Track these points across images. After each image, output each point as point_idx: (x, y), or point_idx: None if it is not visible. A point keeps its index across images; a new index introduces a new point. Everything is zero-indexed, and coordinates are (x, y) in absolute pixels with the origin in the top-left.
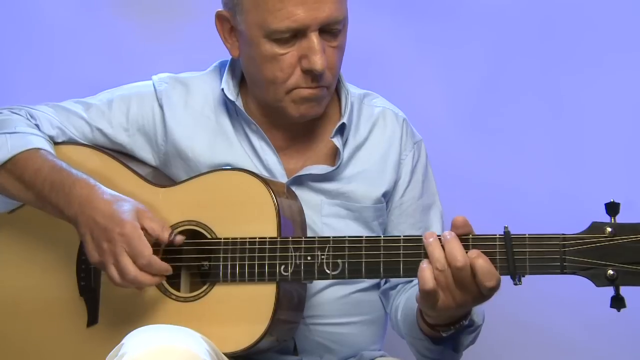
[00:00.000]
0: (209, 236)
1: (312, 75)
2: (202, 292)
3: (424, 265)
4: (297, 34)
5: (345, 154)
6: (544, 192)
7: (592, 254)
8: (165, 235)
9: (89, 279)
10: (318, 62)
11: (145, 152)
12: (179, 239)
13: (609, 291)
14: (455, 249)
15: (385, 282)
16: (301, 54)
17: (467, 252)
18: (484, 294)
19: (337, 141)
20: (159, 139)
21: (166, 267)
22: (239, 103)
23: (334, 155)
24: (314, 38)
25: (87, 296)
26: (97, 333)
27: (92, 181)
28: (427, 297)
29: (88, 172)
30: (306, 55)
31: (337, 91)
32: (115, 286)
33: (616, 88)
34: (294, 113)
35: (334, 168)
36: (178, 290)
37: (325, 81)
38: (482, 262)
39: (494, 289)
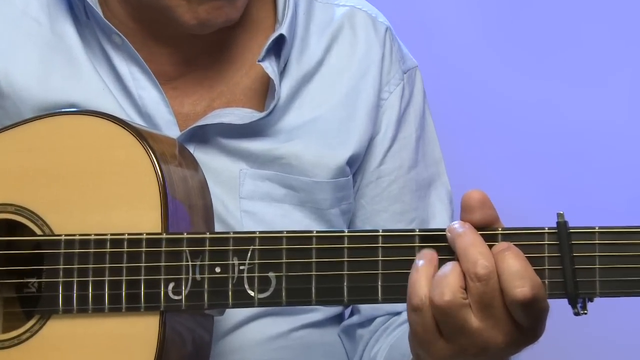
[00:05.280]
0: (38, 232)
1: None
2: (26, 332)
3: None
4: None
5: (285, 90)
6: (620, 157)
7: None
8: None
9: None
10: None
11: None
12: None
13: None
14: (474, 245)
15: (352, 314)
16: None
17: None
18: (521, 323)
19: (269, 67)
20: None
21: None
22: None
23: (264, 91)
24: None
25: None
26: None
27: None
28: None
29: None
30: None
31: None
32: None
33: None
34: (189, 19)
35: (264, 114)
36: None
37: None
38: (511, 260)
39: (531, 308)
